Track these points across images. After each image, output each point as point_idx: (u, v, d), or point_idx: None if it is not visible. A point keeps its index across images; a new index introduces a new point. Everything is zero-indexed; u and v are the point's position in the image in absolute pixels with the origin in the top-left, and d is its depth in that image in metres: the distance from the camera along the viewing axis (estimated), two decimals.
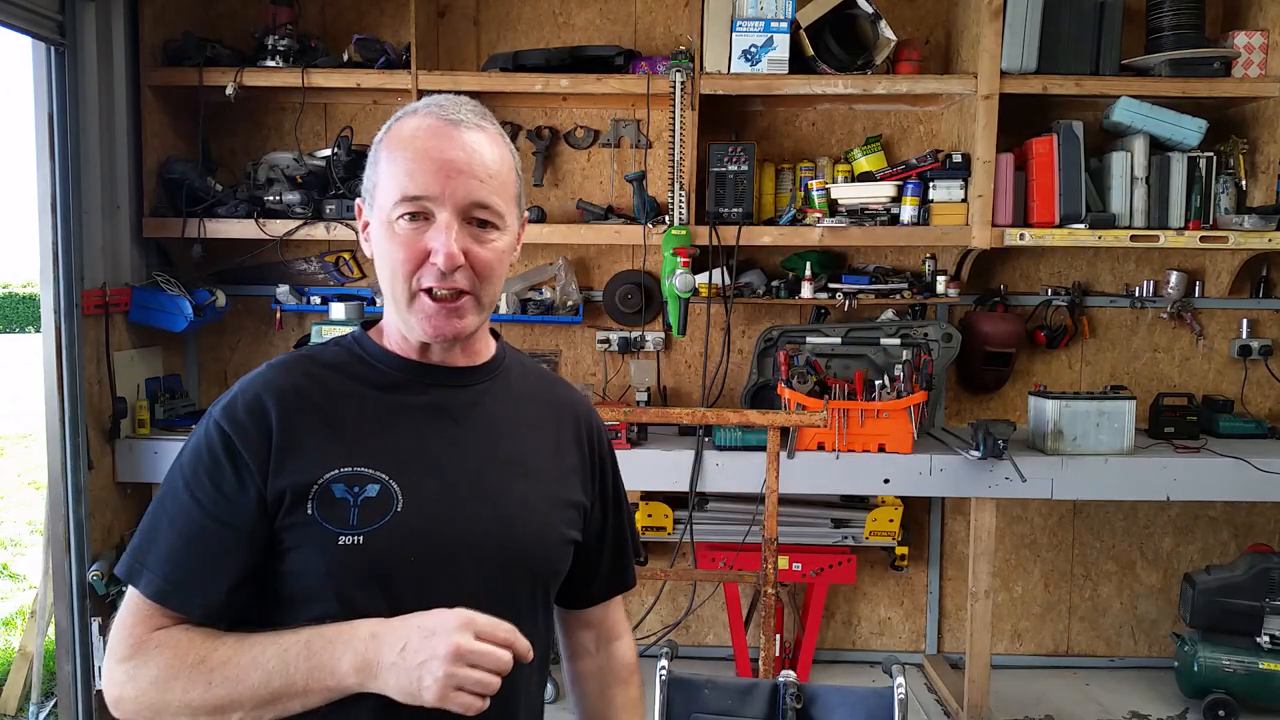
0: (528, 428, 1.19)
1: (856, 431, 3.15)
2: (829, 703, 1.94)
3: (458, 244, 1.05)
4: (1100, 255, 3.70)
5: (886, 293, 3.46)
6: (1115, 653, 3.84)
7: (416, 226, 1.05)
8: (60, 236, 2.94)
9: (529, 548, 1.14)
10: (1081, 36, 3.27)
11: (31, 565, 5.31)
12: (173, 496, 1.05)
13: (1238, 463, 3.13)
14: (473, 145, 1.07)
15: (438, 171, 1.04)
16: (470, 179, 1.05)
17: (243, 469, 1.03)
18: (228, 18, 3.60)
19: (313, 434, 1.06)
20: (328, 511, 1.03)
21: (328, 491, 1.03)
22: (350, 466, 1.05)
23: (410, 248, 1.05)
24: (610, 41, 3.59)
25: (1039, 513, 3.81)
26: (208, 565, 1.02)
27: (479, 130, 1.08)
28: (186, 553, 1.02)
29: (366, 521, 1.03)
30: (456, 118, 1.07)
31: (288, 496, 1.03)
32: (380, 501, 1.04)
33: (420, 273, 1.06)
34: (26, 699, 3.33)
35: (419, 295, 1.07)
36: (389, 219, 1.06)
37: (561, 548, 1.19)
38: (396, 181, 1.05)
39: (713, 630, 3.86)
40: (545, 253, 3.70)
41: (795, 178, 3.58)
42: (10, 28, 2.75)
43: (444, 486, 1.09)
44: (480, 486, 1.11)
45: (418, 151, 1.05)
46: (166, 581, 1.02)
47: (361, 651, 0.97)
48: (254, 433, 1.04)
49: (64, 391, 2.97)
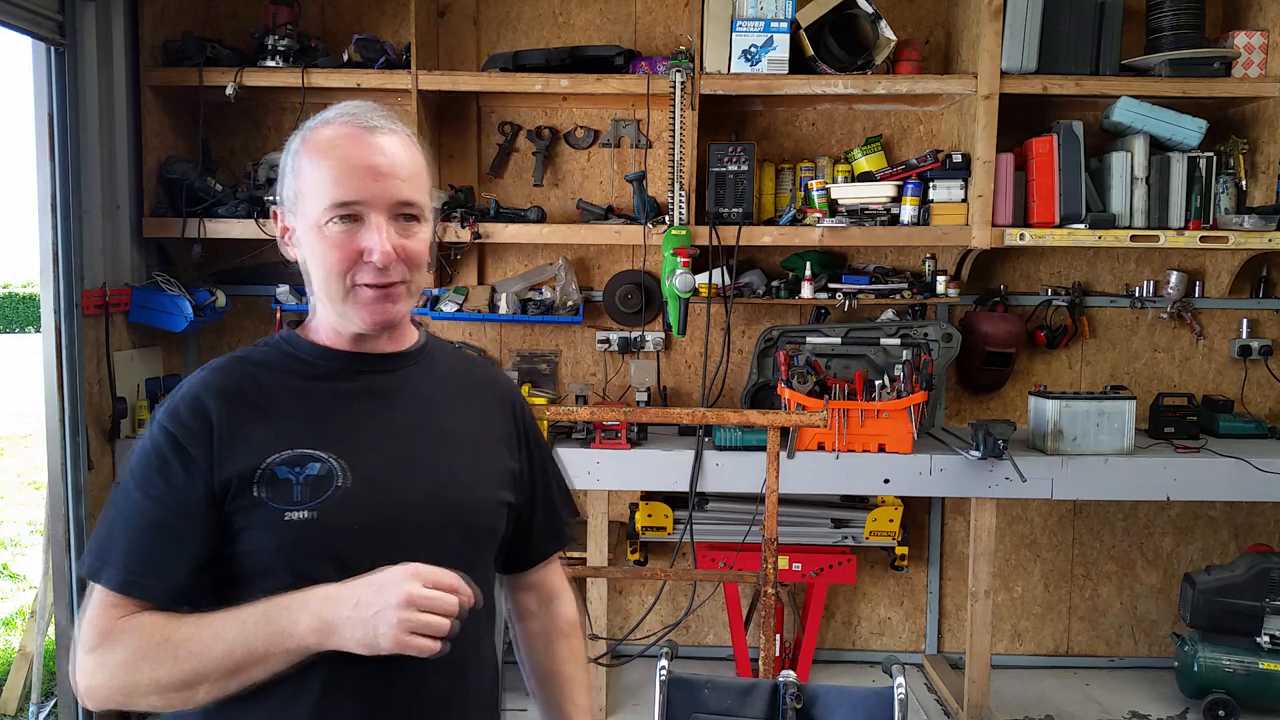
0: (454, 403, 1.28)
1: (856, 431, 3.15)
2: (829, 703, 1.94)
3: (390, 241, 1.13)
4: (1100, 255, 3.70)
5: (886, 293, 3.46)
6: (1115, 653, 3.84)
7: (348, 229, 1.13)
8: (60, 236, 2.94)
9: (464, 510, 1.22)
10: (1081, 36, 3.27)
11: (31, 565, 5.32)
12: (125, 498, 1.11)
13: (1238, 463, 3.13)
14: (391, 149, 1.15)
15: (364, 177, 1.12)
16: (394, 180, 1.14)
17: (190, 464, 1.10)
18: (228, 18, 3.60)
19: (252, 425, 1.13)
20: (273, 491, 1.10)
21: (271, 474, 1.10)
22: (290, 449, 1.12)
23: (344, 249, 1.13)
24: (610, 41, 3.60)
25: (1039, 513, 3.81)
26: (166, 554, 1.09)
27: (393, 134, 1.17)
28: (145, 545, 1.09)
29: (312, 497, 1.10)
30: (372, 124, 1.15)
31: (234, 483, 1.10)
32: (323, 478, 1.12)
33: (355, 270, 1.14)
34: (26, 699, 3.33)
35: (355, 289, 1.15)
36: (319, 224, 1.13)
37: (495, 508, 1.27)
38: (324, 189, 1.12)
39: (713, 630, 3.86)
40: (545, 253, 3.70)
41: (795, 178, 3.58)
42: (10, 28, 2.75)
43: (382, 460, 1.17)
44: (415, 458, 1.19)
45: (341, 160, 1.13)
46: (129, 573, 1.07)
47: (317, 612, 1.03)
48: (197, 429, 1.11)
49: (64, 391, 2.97)
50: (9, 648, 4.07)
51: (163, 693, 1.04)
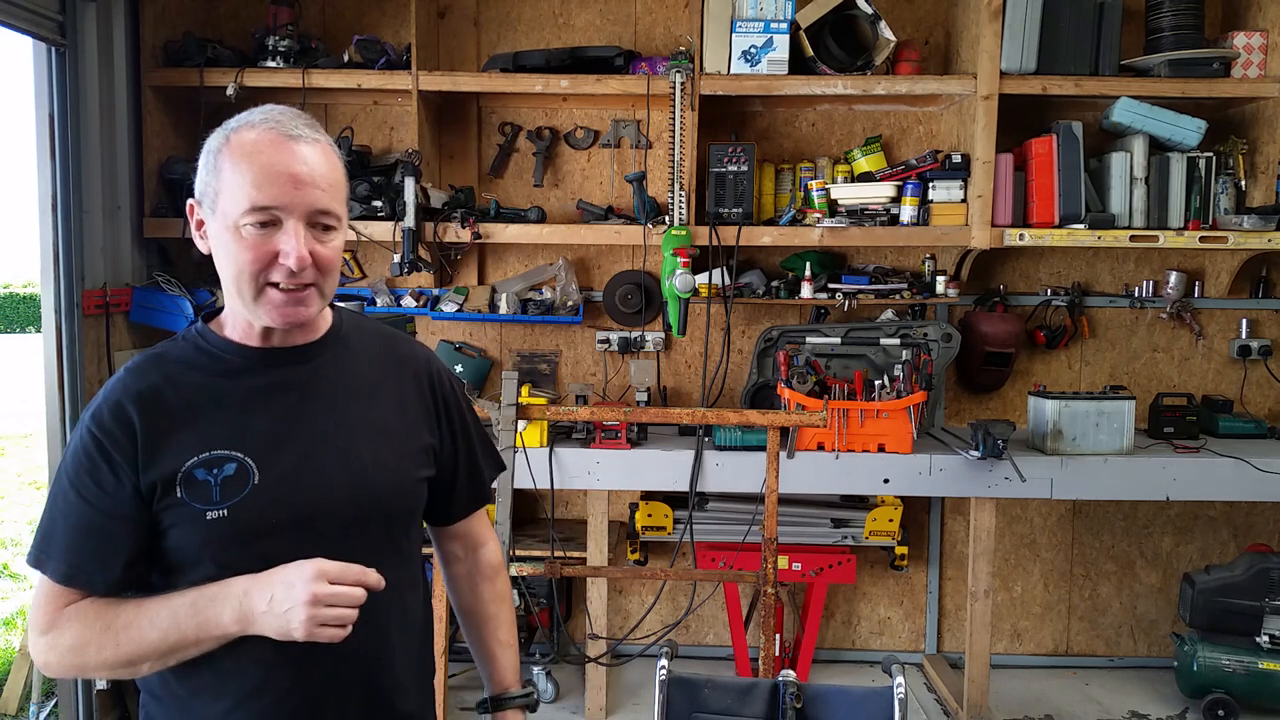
0: (371, 387, 1.33)
1: (856, 431, 3.16)
2: (829, 702, 1.94)
3: (305, 247, 1.18)
4: (1100, 255, 3.71)
5: (886, 293, 3.46)
6: (1115, 652, 3.84)
7: (264, 232, 1.17)
8: (61, 236, 2.94)
9: (382, 495, 1.29)
10: (1081, 37, 3.27)
11: None
12: (63, 496, 1.19)
13: (1237, 463, 3.13)
14: (312, 159, 1.19)
15: (284, 184, 1.16)
16: (314, 189, 1.18)
17: (117, 468, 1.17)
18: (228, 18, 3.61)
19: (172, 429, 1.19)
20: (193, 492, 1.18)
21: (191, 476, 1.18)
22: (207, 451, 1.19)
23: (258, 250, 1.17)
24: (610, 42, 3.60)
25: (1039, 513, 3.81)
26: (101, 551, 1.18)
27: (315, 144, 1.21)
28: (82, 543, 1.18)
29: (228, 496, 1.18)
30: (295, 133, 1.19)
31: (159, 487, 1.18)
32: (238, 477, 1.19)
33: (268, 271, 1.18)
34: (27, 699, 3.33)
35: (266, 289, 1.19)
36: (235, 224, 1.17)
37: (415, 487, 1.35)
38: (244, 192, 1.16)
39: (713, 630, 3.87)
40: (545, 253, 3.71)
41: (795, 178, 3.58)
42: (10, 28, 2.75)
43: (298, 454, 1.23)
44: (331, 448, 1.25)
45: (263, 165, 1.16)
46: (69, 567, 1.18)
47: (237, 606, 1.14)
48: (121, 437, 1.18)
49: (64, 391, 2.97)
50: (9, 648, 4.08)
51: (110, 669, 1.17)
